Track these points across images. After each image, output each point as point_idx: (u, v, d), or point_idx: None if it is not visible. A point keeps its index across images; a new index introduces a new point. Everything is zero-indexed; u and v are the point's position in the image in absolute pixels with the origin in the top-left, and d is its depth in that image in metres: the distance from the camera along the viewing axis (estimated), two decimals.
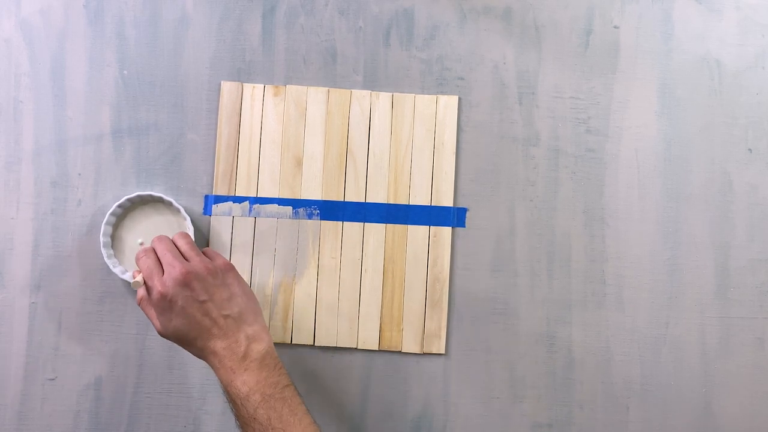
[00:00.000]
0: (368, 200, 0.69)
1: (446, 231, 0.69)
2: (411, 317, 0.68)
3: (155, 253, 0.58)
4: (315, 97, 0.69)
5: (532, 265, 0.69)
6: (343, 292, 0.68)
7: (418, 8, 0.70)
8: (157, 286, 0.55)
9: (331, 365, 0.68)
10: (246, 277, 0.68)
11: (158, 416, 0.67)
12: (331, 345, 0.68)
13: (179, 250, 0.59)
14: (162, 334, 0.57)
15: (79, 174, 0.68)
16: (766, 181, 0.70)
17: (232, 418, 0.67)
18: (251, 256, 0.68)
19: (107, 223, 0.66)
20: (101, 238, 0.65)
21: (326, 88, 0.69)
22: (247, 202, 0.68)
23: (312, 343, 0.68)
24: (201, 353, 0.56)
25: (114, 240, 0.67)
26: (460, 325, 0.68)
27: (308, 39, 0.69)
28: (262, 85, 0.69)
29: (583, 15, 0.70)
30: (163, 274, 0.56)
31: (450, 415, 0.68)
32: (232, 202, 0.68)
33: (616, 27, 0.70)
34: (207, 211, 0.68)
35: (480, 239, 0.69)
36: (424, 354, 0.68)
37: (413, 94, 0.69)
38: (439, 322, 0.68)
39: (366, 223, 0.68)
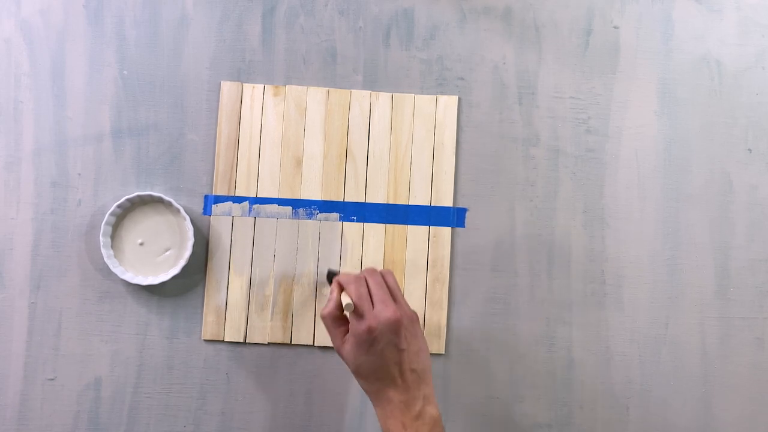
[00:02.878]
0: (368, 200, 0.69)
1: (446, 231, 0.69)
2: None
3: (367, 284, 0.57)
4: (315, 97, 0.69)
5: (532, 265, 0.69)
6: (343, 292, 0.68)
7: (418, 8, 0.70)
8: (366, 320, 0.54)
9: (331, 365, 0.68)
10: (246, 277, 0.68)
11: (158, 416, 0.67)
12: (330, 345, 0.68)
13: (387, 287, 0.58)
14: (342, 356, 0.57)
15: (79, 174, 0.68)
16: (766, 181, 0.70)
17: (232, 419, 0.67)
18: (251, 256, 0.68)
19: (107, 223, 0.66)
20: (101, 238, 0.65)
21: (326, 88, 0.69)
22: (247, 202, 0.68)
23: (312, 343, 0.68)
24: (375, 394, 0.56)
25: (114, 240, 0.67)
26: (460, 325, 0.68)
27: (308, 39, 0.70)
28: (262, 85, 0.69)
29: (583, 15, 0.70)
30: (374, 308, 0.55)
31: (450, 415, 0.68)
32: (231, 202, 0.68)
33: (616, 27, 0.70)
34: (207, 211, 0.68)
35: (480, 239, 0.69)
36: None
37: (413, 94, 0.69)
38: (439, 322, 0.68)
39: (366, 223, 0.68)
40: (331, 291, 0.59)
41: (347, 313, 0.56)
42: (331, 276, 0.66)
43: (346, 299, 0.56)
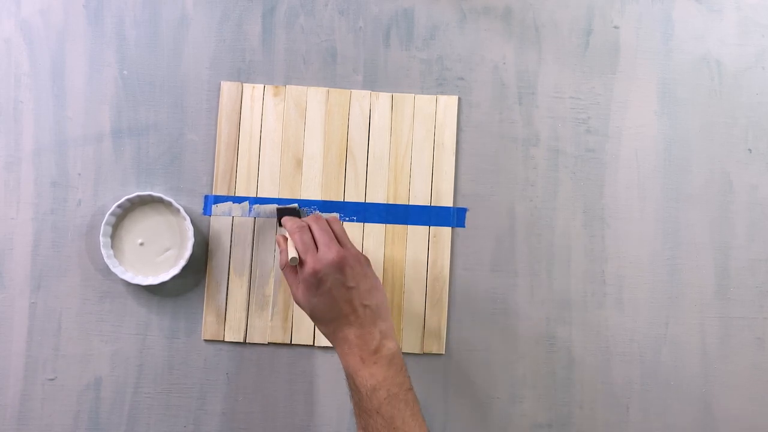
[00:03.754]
0: (368, 200, 0.69)
1: (446, 231, 0.69)
2: (411, 317, 0.68)
3: (311, 230, 0.59)
4: (315, 97, 0.69)
5: (532, 265, 0.69)
6: None
7: (418, 8, 0.70)
8: (311, 263, 0.56)
9: (331, 365, 0.68)
10: (246, 277, 0.68)
11: (158, 416, 0.67)
12: (330, 345, 0.68)
13: (333, 232, 0.60)
14: (298, 303, 0.58)
15: (79, 174, 0.68)
16: (766, 181, 0.70)
17: (232, 419, 0.67)
18: (251, 256, 0.68)
19: (107, 223, 0.66)
20: (101, 238, 0.65)
21: (326, 88, 0.69)
22: (247, 202, 0.68)
23: (312, 343, 0.68)
24: (332, 335, 0.57)
25: (114, 240, 0.67)
26: (460, 325, 0.68)
27: (308, 39, 0.70)
28: (262, 85, 0.69)
29: (583, 15, 0.70)
30: (317, 252, 0.57)
31: (450, 415, 0.68)
32: (231, 202, 0.68)
33: (616, 27, 0.70)
34: (207, 211, 0.68)
35: (480, 239, 0.69)
36: (424, 354, 0.68)
37: (413, 94, 0.69)
38: (439, 322, 0.68)
39: (366, 223, 0.68)
40: (277, 242, 0.61)
41: (294, 265, 0.58)
42: (280, 213, 0.67)
43: (292, 252, 0.57)
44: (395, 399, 0.54)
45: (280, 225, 0.65)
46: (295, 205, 0.67)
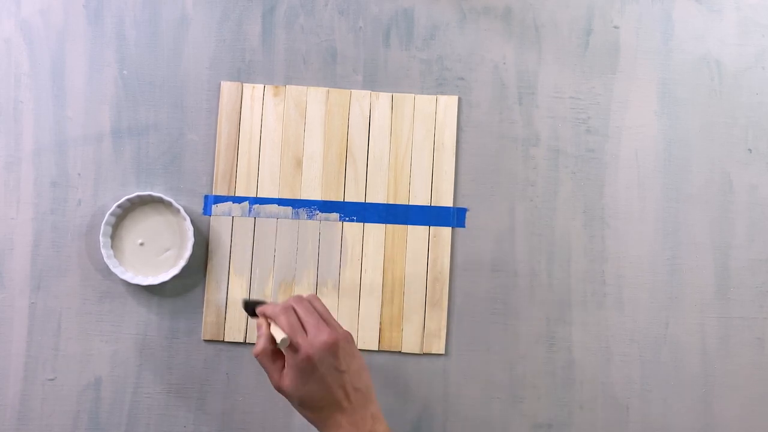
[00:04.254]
0: (368, 200, 0.69)
1: (446, 231, 0.69)
2: (411, 317, 0.68)
3: (296, 312, 0.55)
4: (315, 97, 0.69)
5: (532, 265, 0.69)
6: (342, 292, 0.68)
7: (418, 8, 0.70)
8: (304, 347, 0.53)
9: None
10: (246, 277, 0.68)
11: (158, 416, 0.67)
12: None
13: (317, 312, 0.56)
14: (282, 390, 0.55)
15: (79, 174, 0.68)
16: (766, 181, 0.70)
17: (232, 419, 0.67)
18: (251, 256, 0.68)
19: (107, 223, 0.66)
20: (101, 238, 0.65)
21: (326, 88, 0.69)
22: (247, 202, 0.68)
23: None
24: (322, 423, 0.54)
25: (114, 240, 0.67)
26: (460, 325, 0.68)
27: (308, 39, 0.69)
28: (262, 85, 0.69)
29: (583, 15, 0.70)
30: (307, 335, 0.54)
31: (450, 415, 0.68)
32: (231, 203, 0.68)
33: (616, 27, 0.70)
34: (207, 211, 0.68)
35: (480, 239, 0.69)
36: (424, 354, 0.68)
37: (413, 94, 0.69)
38: (439, 322, 0.68)
39: (366, 223, 0.68)
40: (258, 327, 0.56)
41: (283, 348, 0.54)
42: (249, 306, 0.60)
43: (279, 334, 0.54)
44: None
45: (251, 315, 0.59)
46: (264, 299, 0.65)
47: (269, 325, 0.56)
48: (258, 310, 0.57)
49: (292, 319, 0.54)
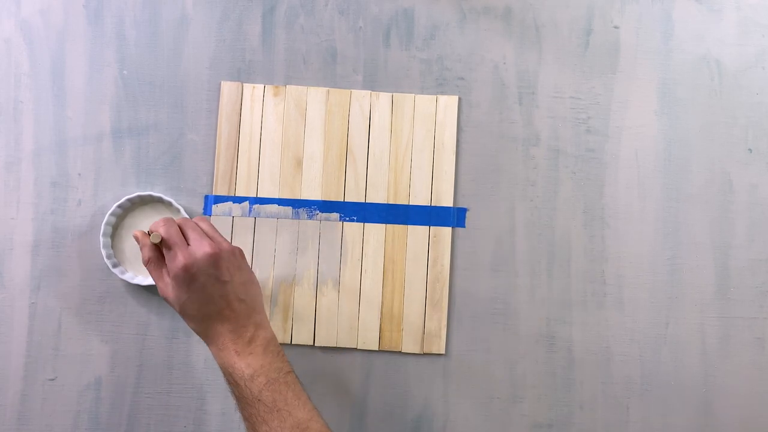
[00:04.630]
0: (368, 200, 0.69)
1: (446, 231, 0.69)
2: (411, 317, 0.68)
3: (178, 226, 0.57)
4: (315, 97, 0.69)
5: (532, 265, 0.69)
6: (343, 292, 0.68)
7: (418, 8, 0.70)
8: (181, 258, 0.54)
9: (331, 365, 0.68)
10: None
11: (158, 416, 0.67)
12: (331, 345, 0.68)
13: (201, 230, 0.58)
14: (166, 299, 0.56)
15: (79, 174, 0.68)
16: (766, 181, 0.70)
17: (232, 419, 0.67)
18: (251, 256, 0.68)
19: (107, 223, 0.66)
20: (101, 238, 0.65)
21: (326, 88, 0.69)
22: (247, 202, 0.68)
23: (312, 343, 0.68)
24: (204, 332, 0.56)
25: (114, 240, 0.67)
26: (460, 325, 0.68)
27: (308, 39, 0.70)
28: (262, 85, 0.69)
29: (583, 15, 0.70)
30: (189, 247, 0.55)
31: (450, 415, 0.68)
32: (232, 203, 0.68)
33: (616, 27, 0.70)
34: (207, 211, 0.68)
35: (480, 239, 0.69)
36: (424, 354, 0.68)
37: (413, 94, 0.69)
38: (439, 322, 0.68)
39: (366, 223, 0.68)
40: (137, 238, 0.58)
41: (167, 255, 0.55)
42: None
43: (155, 237, 0.55)
44: (275, 383, 0.53)
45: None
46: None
47: (147, 236, 0.57)
48: (150, 227, 0.58)
49: (172, 230, 0.56)
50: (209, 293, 0.55)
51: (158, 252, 0.57)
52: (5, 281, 0.67)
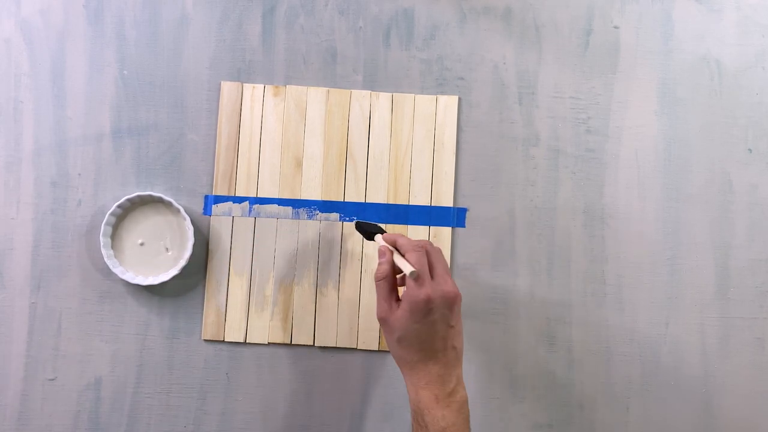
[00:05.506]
0: (368, 200, 0.69)
1: (446, 231, 0.69)
2: None
3: (428, 255, 0.56)
4: (315, 97, 0.69)
5: (532, 265, 0.69)
6: (343, 292, 0.68)
7: (418, 8, 0.70)
8: (427, 289, 0.54)
9: (331, 365, 0.68)
10: (246, 277, 0.68)
11: (158, 416, 0.67)
12: (331, 345, 0.68)
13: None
14: (388, 321, 0.56)
15: (79, 174, 0.68)
16: (766, 181, 0.70)
17: (232, 419, 0.67)
18: (251, 256, 0.68)
19: (107, 224, 0.66)
20: (101, 238, 0.65)
21: (326, 88, 0.69)
22: (247, 202, 0.68)
23: (312, 343, 0.68)
24: (412, 364, 0.56)
25: (114, 240, 0.67)
26: None
27: (308, 39, 0.69)
28: (262, 85, 0.69)
29: (583, 15, 0.70)
30: (433, 279, 0.55)
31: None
32: (232, 203, 0.68)
33: (616, 27, 0.70)
34: (207, 211, 0.68)
35: (480, 239, 0.69)
36: None
37: (413, 94, 0.69)
38: None
39: None
40: (381, 253, 0.58)
41: (409, 280, 0.54)
42: (363, 228, 0.63)
43: (408, 267, 0.54)
44: None
45: (368, 238, 0.62)
46: (380, 225, 0.64)
47: (392, 253, 0.57)
48: (385, 237, 0.59)
49: (423, 260, 0.55)
50: (435, 330, 0.54)
51: (393, 272, 0.57)
52: (5, 281, 0.67)
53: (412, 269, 0.54)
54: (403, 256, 0.56)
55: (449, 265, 0.68)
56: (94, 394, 0.67)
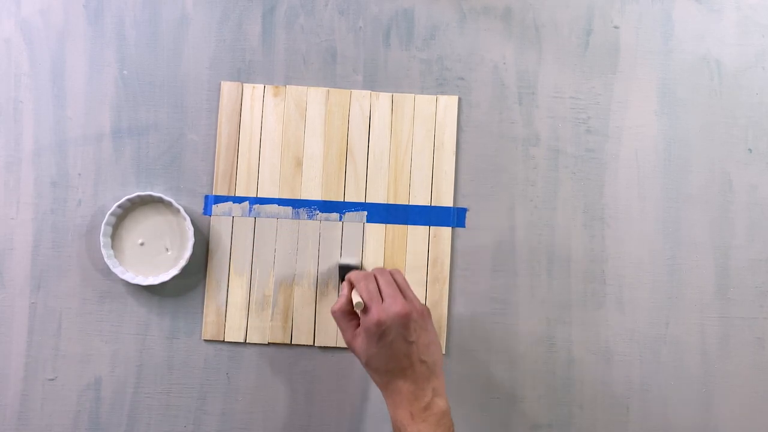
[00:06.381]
0: (368, 200, 0.69)
1: (446, 231, 0.69)
2: None
3: (376, 281, 0.59)
4: (315, 97, 0.69)
5: (532, 265, 0.69)
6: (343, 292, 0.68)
7: (418, 8, 0.70)
8: (375, 313, 0.56)
9: (331, 365, 0.68)
10: (246, 277, 0.68)
11: (158, 416, 0.67)
12: (331, 345, 0.68)
13: (396, 285, 0.59)
14: (353, 349, 0.58)
15: (79, 174, 0.68)
16: (766, 181, 0.70)
17: (232, 419, 0.67)
18: (251, 256, 0.68)
19: (107, 224, 0.66)
20: (101, 238, 0.65)
21: (326, 88, 0.69)
22: (247, 202, 0.68)
23: (312, 343, 0.68)
24: (384, 386, 0.57)
25: (114, 240, 0.67)
26: (460, 325, 0.68)
27: (308, 39, 0.70)
28: (262, 85, 0.69)
29: (583, 15, 0.70)
30: (383, 302, 0.57)
31: (450, 415, 0.67)
32: (232, 203, 0.68)
33: (616, 27, 0.70)
34: (207, 211, 0.68)
35: (480, 239, 0.69)
36: None
37: (413, 94, 0.69)
38: (439, 322, 0.68)
39: (366, 223, 0.68)
40: (342, 287, 0.61)
41: (357, 310, 0.57)
42: (342, 270, 0.67)
43: (356, 298, 0.58)
44: None
45: (341, 280, 0.66)
46: (359, 263, 0.68)
47: (351, 288, 0.60)
48: (347, 275, 0.61)
49: (371, 287, 0.58)
50: (395, 350, 0.56)
51: (350, 304, 0.59)
52: (5, 281, 0.67)
53: (357, 301, 0.57)
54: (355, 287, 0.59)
55: (449, 266, 0.68)
56: (94, 394, 0.67)
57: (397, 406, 0.56)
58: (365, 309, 0.57)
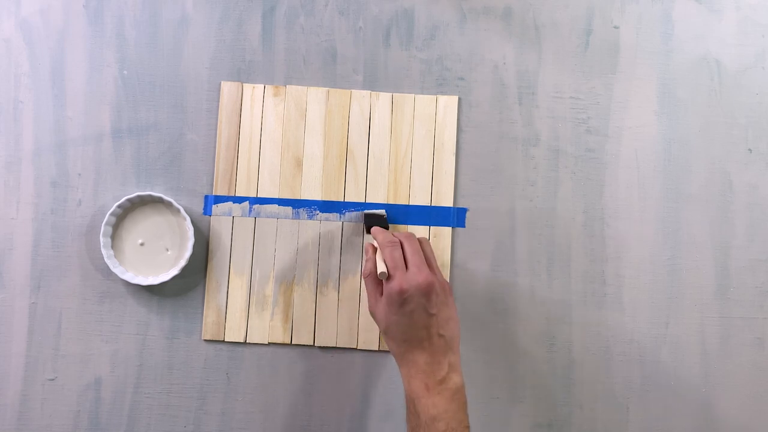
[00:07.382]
0: (368, 200, 0.69)
1: (446, 231, 0.69)
2: None
3: (402, 248, 0.59)
4: (315, 97, 0.69)
5: (532, 265, 0.69)
6: (343, 292, 0.68)
7: (418, 8, 0.70)
8: (398, 281, 0.56)
9: (331, 365, 0.68)
10: (246, 277, 0.68)
11: (158, 416, 0.67)
12: (331, 345, 0.68)
13: (423, 254, 0.59)
14: (373, 315, 0.59)
15: (79, 174, 0.68)
16: (766, 181, 0.70)
17: (232, 419, 0.67)
18: (251, 256, 0.68)
19: (107, 224, 0.66)
20: (101, 238, 0.65)
21: (326, 88, 0.69)
22: (247, 202, 0.68)
23: (312, 343, 0.68)
24: (401, 356, 0.57)
25: (114, 240, 0.67)
26: (460, 325, 0.68)
27: (308, 39, 0.70)
28: (262, 85, 0.69)
29: (583, 15, 0.70)
30: (407, 271, 0.57)
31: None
32: (232, 203, 0.68)
33: (616, 27, 0.70)
34: (207, 211, 0.68)
35: (480, 239, 0.69)
36: None
37: (413, 94, 0.69)
38: None
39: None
40: (366, 251, 0.62)
41: (382, 279, 0.57)
42: (368, 219, 0.66)
43: (381, 266, 0.57)
44: None
45: (368, 231, 0.66)
46: (383, 211, 0.67)
47: (376, 250, 0.60)
48: (373, 231, 0.61)
49: (397, 254, 0.58)
50: (415, 320, 0.56)
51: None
52: (5, 281, 0.67)
53: (381, 271, 0.57)
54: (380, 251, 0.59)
55: (449, 266, 0.68)
56: (94, 394, 0.67)
57: (413, 377, 0.56)
58: (389, 277, 0.56)
